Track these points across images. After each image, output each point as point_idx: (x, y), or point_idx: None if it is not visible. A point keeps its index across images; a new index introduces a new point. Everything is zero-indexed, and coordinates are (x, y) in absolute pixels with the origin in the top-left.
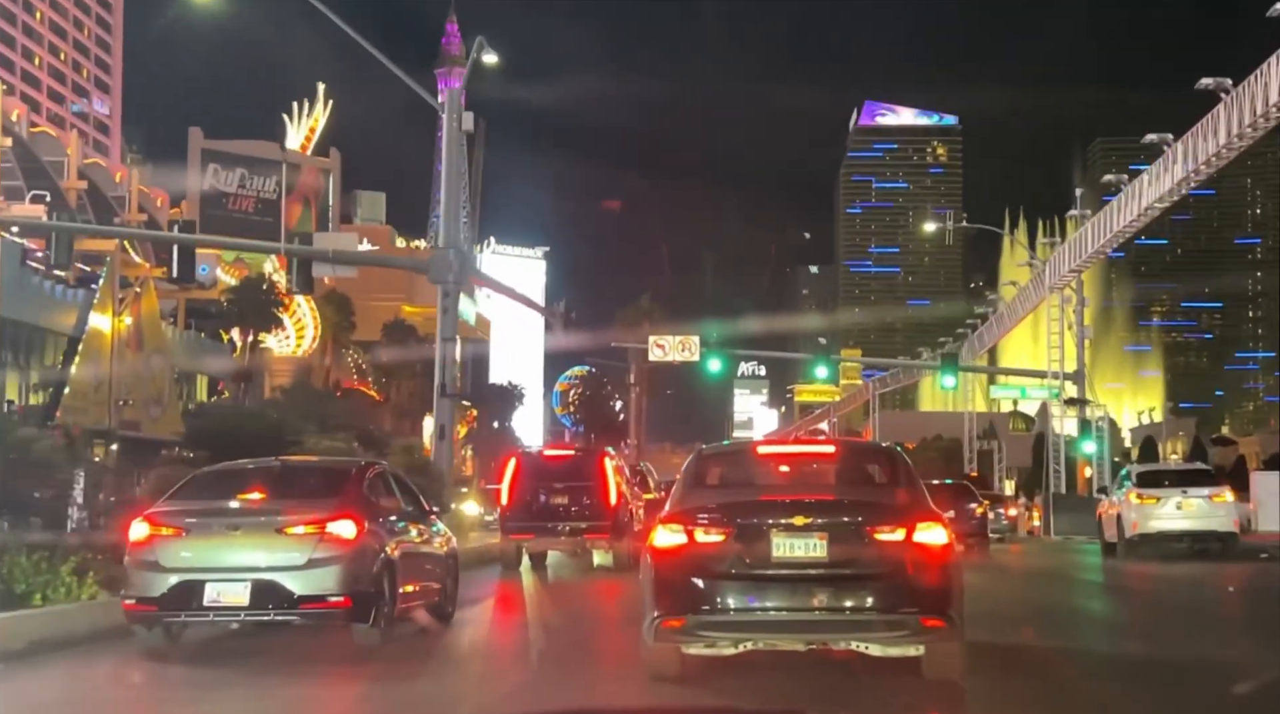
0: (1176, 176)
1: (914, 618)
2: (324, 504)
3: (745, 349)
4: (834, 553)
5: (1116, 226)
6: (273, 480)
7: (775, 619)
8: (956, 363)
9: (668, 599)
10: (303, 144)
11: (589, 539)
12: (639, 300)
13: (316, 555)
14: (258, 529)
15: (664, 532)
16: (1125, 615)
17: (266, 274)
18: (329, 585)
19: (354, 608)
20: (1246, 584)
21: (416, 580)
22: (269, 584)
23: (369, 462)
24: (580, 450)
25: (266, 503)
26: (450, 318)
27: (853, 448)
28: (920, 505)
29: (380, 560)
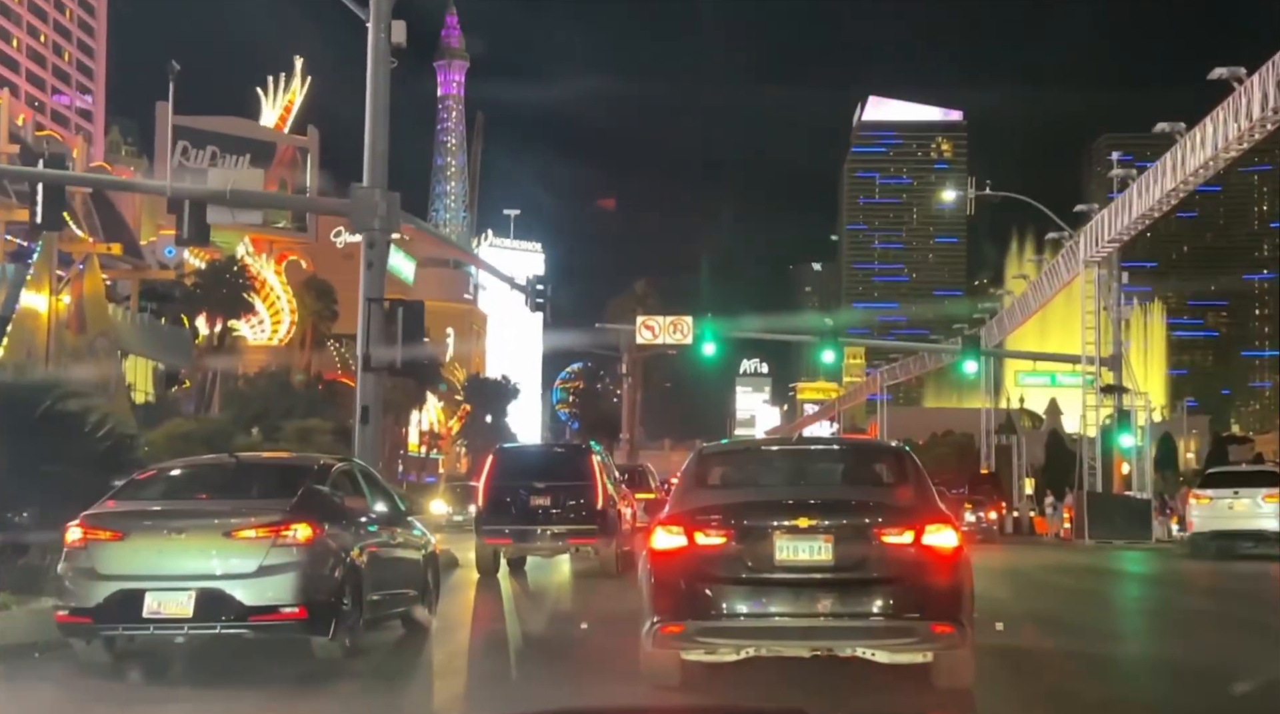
0: (1255, 114)
1: (923, 624)
2: (279, 505)
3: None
4: (840, 556)
5: (1178, 179)
6: (225, 479)
7: (778, 625)
8: (979, 346)
9: (667, 604)
10: (278, 121)
11: (573, 543)
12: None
13: (269, 562)
14: (204, 532)
15: (663, 534)
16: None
17: (238, 257)
18: (282, 595)
19: (311, 619)
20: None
21: (387, 588)
22: (215, 594)
23: (333, 458)
24: (564, 446)
25: (215, 504)
26: (376, 273)
27: (859, 446)
28: (929, 506)
29: (343, 567)
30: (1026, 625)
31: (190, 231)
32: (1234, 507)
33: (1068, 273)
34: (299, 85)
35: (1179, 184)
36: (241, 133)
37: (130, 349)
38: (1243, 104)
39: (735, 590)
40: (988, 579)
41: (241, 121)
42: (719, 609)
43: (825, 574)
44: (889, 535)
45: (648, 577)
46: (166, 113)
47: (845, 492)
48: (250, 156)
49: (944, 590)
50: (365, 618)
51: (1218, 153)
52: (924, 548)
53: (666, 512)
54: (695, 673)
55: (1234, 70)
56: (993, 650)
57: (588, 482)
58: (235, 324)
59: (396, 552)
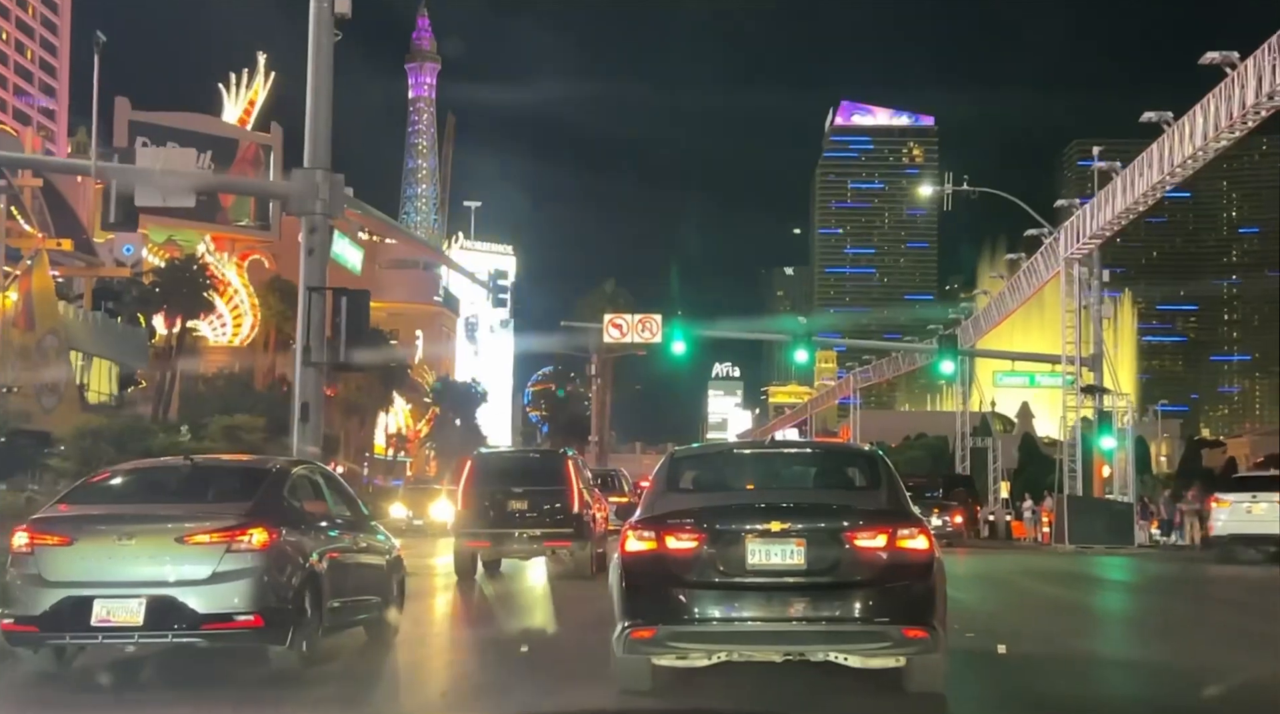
0: (1249, 101)
1: (895, 628)
2: (234, 509)
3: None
4: (812, 560)
5: (1164, 171)
6: (179, 482)
7: (750, 630)
8: (956, 346)
9: (638, 609)
10: (241, 118)
11: (549, 545)
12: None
13: (223, 568)
14: (156, 537)
15: (634, 538)
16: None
17: (198, 255)
18: (237, 602)
19: (267, 627)
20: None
21: (348, 595)
22: (167, 601)
23: (292, 460)
24: (540, 451)
25: (167, 508)
26: (318, 261)
27: (831, 450)
28: (902, 511)
29: (301, 573)
30: (1001, 630)
31: (118, 215)
32: (1252, 511)
33: (1047, 270)
34: (262, 81)
35: (1166, 176)
36: (202, 129)
37: (83, 348)
38: (1235, 90)
39: (707, 595)
40: (963, 588)
41: (203, 117)
42: (690, 614)
43: (797, 578)
44: (861, 539)
45: (619, 581)
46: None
47: (817, 495)
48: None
49: (916, 595)
50: (325, 625)
51: (1207, 142)
52: (896, 552)
53: (638, 516)
54: (667, 678)
55: (1226, 55)
56: (965, 655)
57: (563, 486)
58: (195, 324)
59: (359, 557)
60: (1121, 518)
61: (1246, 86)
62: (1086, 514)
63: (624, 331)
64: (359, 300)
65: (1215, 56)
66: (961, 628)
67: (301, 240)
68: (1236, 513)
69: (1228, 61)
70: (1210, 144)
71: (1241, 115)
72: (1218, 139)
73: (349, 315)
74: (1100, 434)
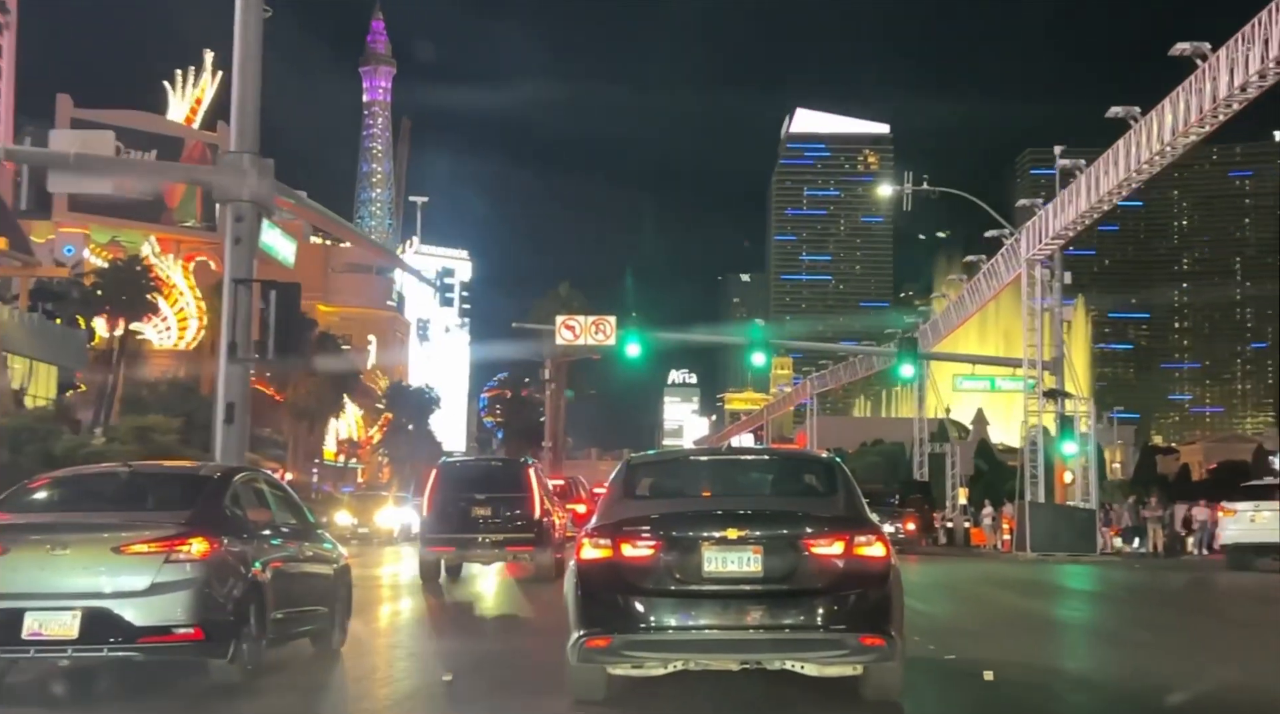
0: (1220, 93)
1: (852, 636)
2: (173, 518)
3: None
4: (769, 567)
5: (1130, 168)
6: (117, 490)
7: (707, 638)
8: (916, 349)
9: (593, 617)
10: (188, 117)
11: (511, 550)
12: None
13: (161, 579)
14: (92, 547)
15: (590, 545)
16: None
17: (142, 256)
18: (176, 614)
19: (207, 640)
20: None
21: (293, 605)
22: (103, 614)
23: (235, 468)
24: (503, 460)
25: (104, 516)
26: (245, 251)
27: (789, 457)
28: (859, 518)
29: (244, 583)
30: (957, 639)
31: (29, 202)
32: (1255, 520)
33: (1008, 272)
34: (209, 79)
35: (1131, 173)
36: (147, 127)
37: (17, 350)
38: (1206, 83)
39: (663, 603)
40: (924, 598)
41: (147, 116)
42: (647, 622)
43: (754, 586)
44: (818, 547)
45: (574, 589)
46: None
47: (775, 502)
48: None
49: (874, 602)
50: (269, 637)
51: (1175, 137)
52: (854, 559)
53: (593, 523)
54: (622, 687)
55: (1198, 46)
56: (923, 664)
57: (525, 493)
58: (139, 327)
59: (304, 567)
60: (1084, 525)
61: (1218, 79)
62: (1048, 521)
63: (577, 333)
64: (289, 294)
65: (1186, 48)
66: (923, 640)
67: (227, 229)
68: (1241, 522)
69: (1199, 53)
70: (1179, 139)
71: (1213, 109)
72: (1186, 134)
73: (279, 310)
74: (1062, 439)
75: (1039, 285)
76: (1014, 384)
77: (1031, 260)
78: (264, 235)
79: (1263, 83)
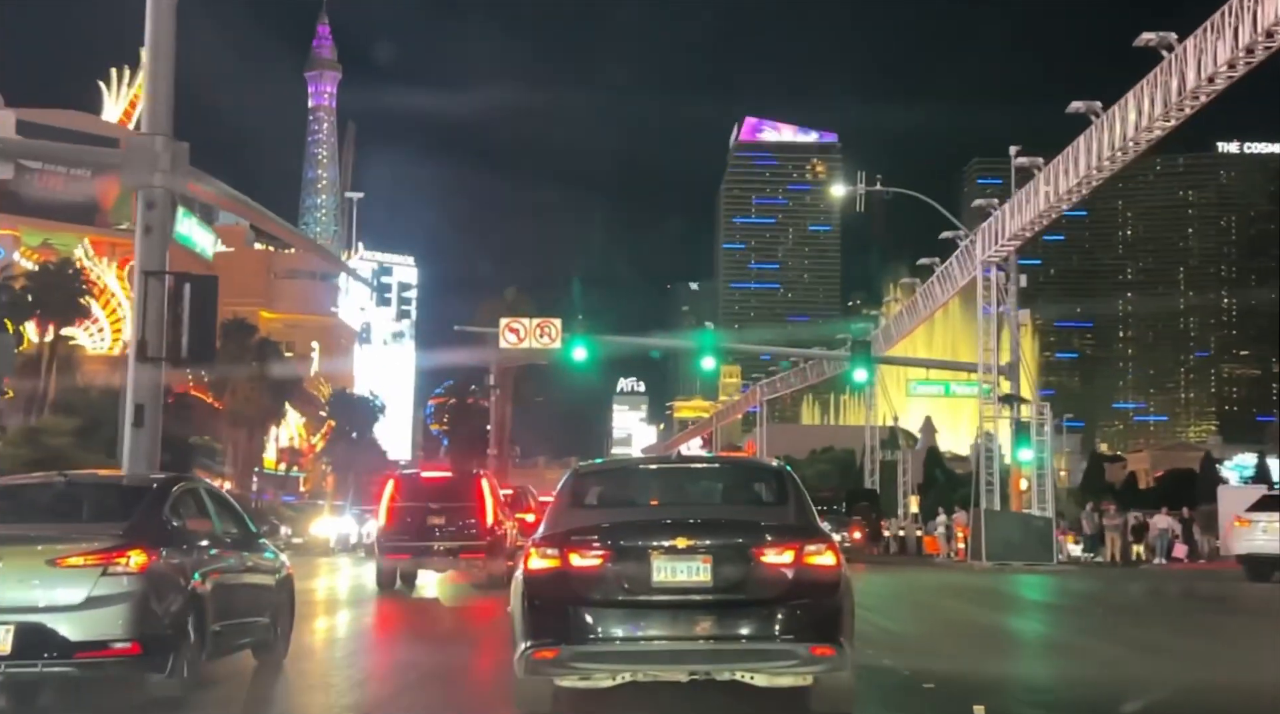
0: (1189, 84)
1: (802, 646)
2: (109, 529)
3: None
4: (718, 577)
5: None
6: (51, 501)
7: (656, 649)
8: (869, 353)
9: (540, 628)
10: (122, 117)
11: (465, 558)
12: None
13: (98, 592)
14: (25, 560)
15: (537, 555)
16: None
17: (75, 259)
18: (113, 629)
19: (145, 655)
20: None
21: (234, 617)
22: (37, 628)
23: (174, 477)
24: (457, 472)
25: (38, 528)
26: (157, 241)
27: (739, 465)
28: (810, 526)
29: (183, 596)
30: (909, 650)
31: None
32: (1267, 530)
33: (962, 275)
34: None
35: (1092, 171)
36: (82, 127)
37: None
38: (1174, 75)
39: (611, 613)
40: (883, 611)
41: (81, 115)
42: (594, 633)
43: (704, 596)
44: (768, 556)
45: (521, 600)
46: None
47: (724, 511)
48: None
49: (824, 612)
50: (209, 650)
51: (1139, 132)
52: (804, 569)
53: (540, 533)
54: (569, 700)
55: (1164, 36)
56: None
57: (478, 503)
58: (72, 332)
59: (245, 578)
60: (1041, 533)
61: (1186, 69)
62: (1004, 529)
63: (521, 337)
64: (205, 288)
65: (1152, 38)
66: (878, 653)
67: (138, 217)
68: (1257, 532)
69: (1164, 44)
70: (1142, 134)
71: (1179, 102)
72: (1150, 129)
73: (193, 305)
74: (1018, 445)
75: (994, 288)
76: (968, 389)
77: (987, 262)
78: (179, 225)
79: (1232, 74)
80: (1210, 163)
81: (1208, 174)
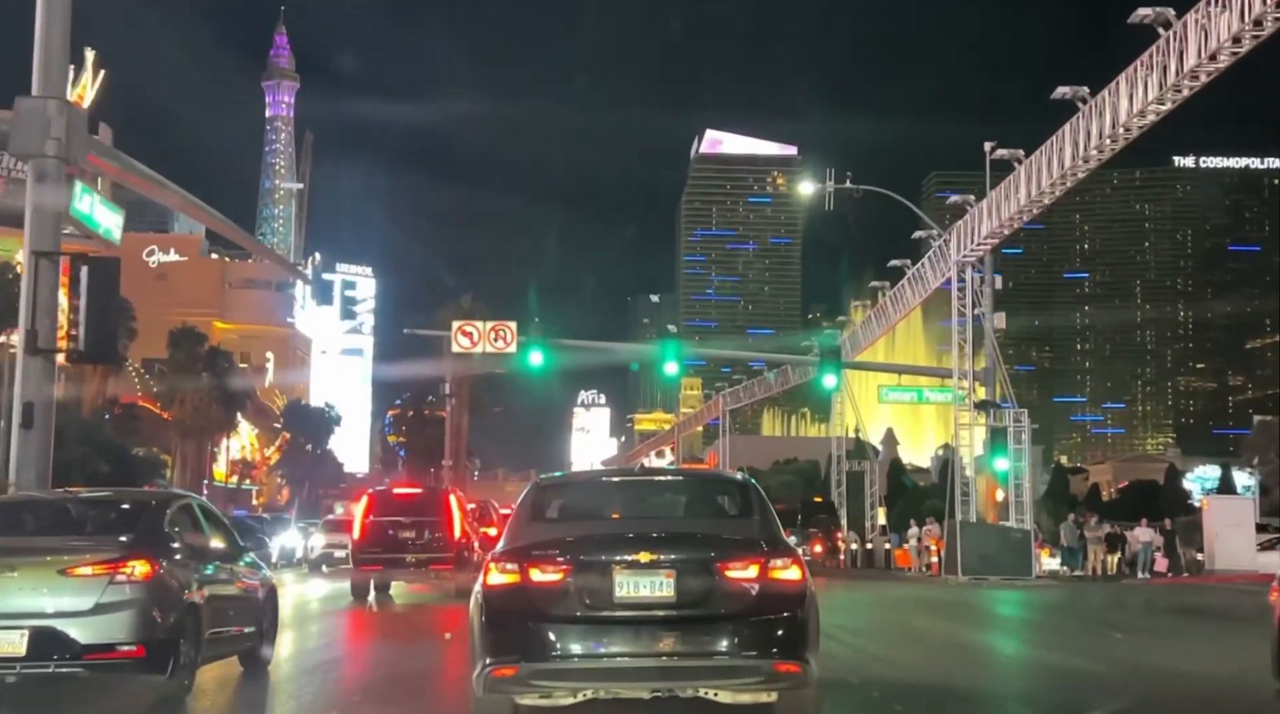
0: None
1: (767, 662)
2: (115, 541)
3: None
4: (682, 592)
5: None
6: (60, 515)
7: (618, 666)
8: (839, 358)
9: (500, 645)
10: None
11: (434, 569)
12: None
13: (105, 600)
14: (38, 570)
15: (496, 570)
16: None
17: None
18: (119, 633)
19: (148, 658)
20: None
21: (226, 625)
22: (50, 632)
23: (173, 493)
24: (427, 488)
25: (49, 540)
26: (49, 219)
27: (703, 478)
28: (774, 540)
29: (181, 604)
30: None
31: None
32: None
33: (935, 277)
34: (90, 78)
35: (1078, 162)
36: None
37: None
38: (1172, 53)
39: (572, 630)
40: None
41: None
42: (555, 650)
43: (667, 611)
44: (733, 570)
45: (479, 616)
46: None
47: (688, 525)
48: None
49: (789, 628)
50: (203, 656)
51: (1131, 118)
52: (769, 583)
53: (500, 547)
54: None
55: (1161, 12)
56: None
57: (446, 518)
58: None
59: (235, 588)
60: (1018, 546)
61: (1186, 47)
62: (980, 542)
63: (475, 340)
64: (105, 272)
65: (1149, 13)
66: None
67: (27, 191)
68: None
69: (1162, 20)
70: (1134, 120)
71: (1177, 82)
72: (1144, 114)
73: (92, 292)
74: (994, 455)
75: (970, 289)
76: (941, 396)
77: (963, 262)
78: (78, 201)
79: (1237, 49)
80: (1167, 177)
81: (1164, 188)
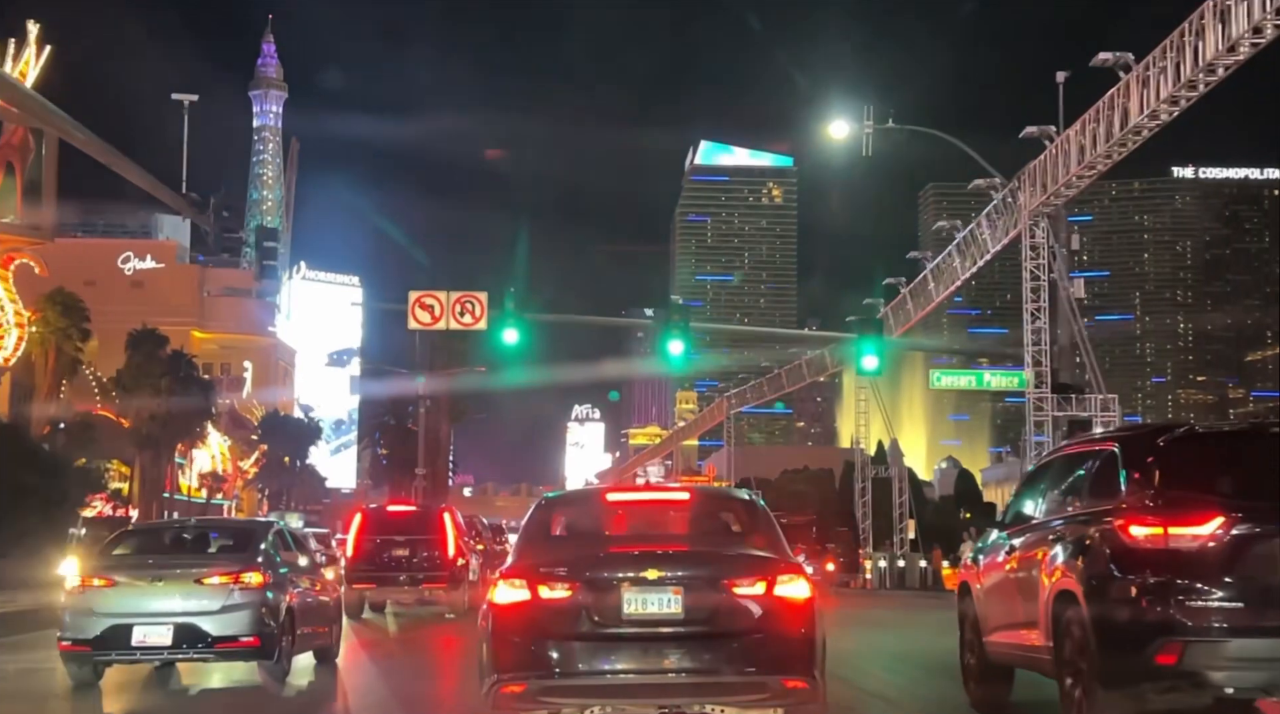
0: None
1: (775, 679)
2: (237, 558)
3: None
4: (690, 609)
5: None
6: (191, 537)
7: (626, 682)
8: (881, 334)
9: (508, 661)
10: None
11: (427, 588)
12: None
13: (230, 602)
14: (179, 579)
15: (505, 587)
16: None
17: None
18: (241, 628)
19: (261, 647)
20: None
21: (309, 624)
22: (189, 627)
23: (268, 522)
24: (422, 506)
25: (186, 557)
26: None
27: (709, 495)
28: (781, 557)
29: (283, 606)
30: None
31: None
32: None
33: (995, 237)
34: (34, 55)
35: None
36: None
37: None
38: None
39: (581, 646)
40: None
41: None
42: (563, 666)
43: (675, 628)
44: (740, 587)
45: (488, 632)
46: None
47: (695, 542)
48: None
49: (796, 644)
50: (297, 648)
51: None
52: (776, 600)
53: (509, 564)
54: None
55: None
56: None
57: (441, 536)
58: None
59: (316, 596)
60: None
61: None
62: None
63: (436, 315)
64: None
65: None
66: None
67: None
68: None
69: (1122, 63)
70: None
71: None
72: None
73: None
74: None
75: (1045, 249)
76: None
77: (1036, 213)
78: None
79: None
80: (1165, 187)
81: (1163, 199)
